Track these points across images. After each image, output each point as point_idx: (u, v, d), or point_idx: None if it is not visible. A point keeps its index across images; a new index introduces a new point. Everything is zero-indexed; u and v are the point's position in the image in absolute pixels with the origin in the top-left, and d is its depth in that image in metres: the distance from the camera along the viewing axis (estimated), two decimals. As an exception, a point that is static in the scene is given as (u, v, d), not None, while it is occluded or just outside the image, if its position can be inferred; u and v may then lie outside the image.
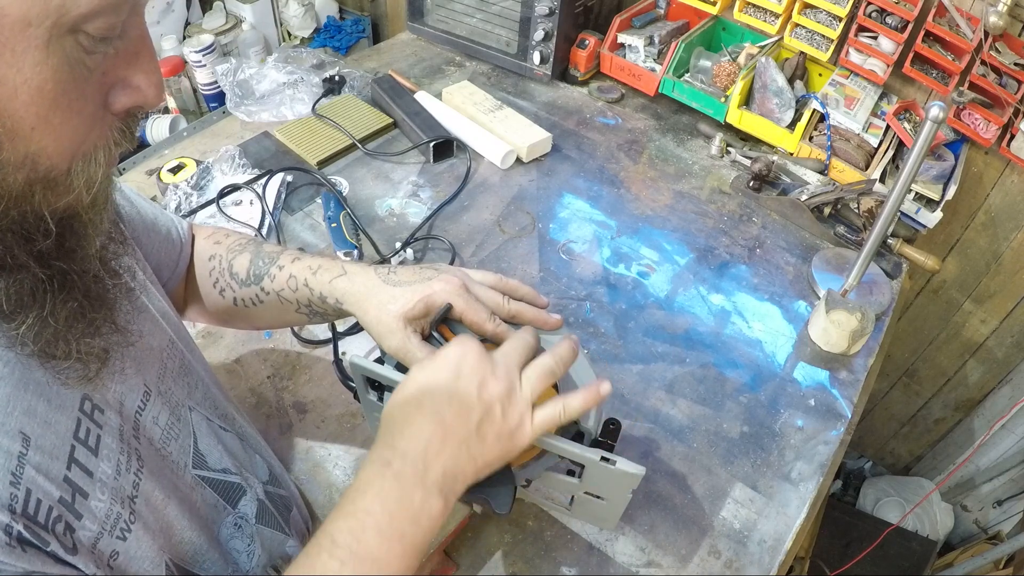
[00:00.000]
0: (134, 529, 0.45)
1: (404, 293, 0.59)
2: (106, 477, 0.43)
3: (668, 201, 1.18)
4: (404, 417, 0.49)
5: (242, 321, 0.73)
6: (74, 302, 0.40)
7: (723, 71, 1.28)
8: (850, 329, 0.92)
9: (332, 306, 0.63)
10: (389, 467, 0.47)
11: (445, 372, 0.50)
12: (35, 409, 0.40)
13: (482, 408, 0.49)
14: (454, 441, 0.48)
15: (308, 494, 0.75)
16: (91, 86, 0.35)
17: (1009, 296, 1.38)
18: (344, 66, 1.42)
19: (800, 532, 0.76)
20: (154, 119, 1.83)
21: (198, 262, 0.70)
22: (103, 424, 0.45)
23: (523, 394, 0.52)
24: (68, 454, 0.41)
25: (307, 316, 0.67)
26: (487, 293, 0.62)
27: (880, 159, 1.17)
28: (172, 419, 0.53)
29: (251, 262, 0.67)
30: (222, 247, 0.70)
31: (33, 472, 0.38)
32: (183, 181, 1.07)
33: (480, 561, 0.71)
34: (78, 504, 0.41)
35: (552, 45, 1.36)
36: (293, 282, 0.64)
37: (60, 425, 0.41)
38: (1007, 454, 1.50)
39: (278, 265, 0.66)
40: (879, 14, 1.15)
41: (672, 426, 0.85)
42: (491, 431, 0.50)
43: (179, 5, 1.99)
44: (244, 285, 0.67)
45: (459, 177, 1.18)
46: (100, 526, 0.42)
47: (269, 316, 0.69)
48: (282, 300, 0.65)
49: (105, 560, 0.42)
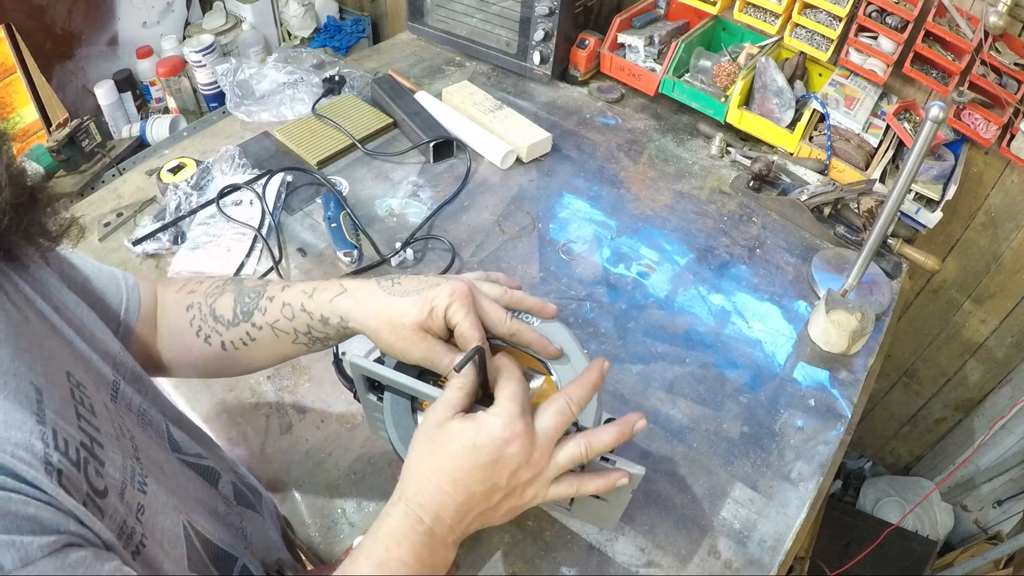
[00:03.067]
0: (149, 484, 0.45)
1: (415, 304, 0.57)
2: (109, 435, 0.44)
3: (668, 201, 1.18)
4: (437, 481, 0.51)
5: (233, 366, 0.68)
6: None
7: (723, 71, 1.28)
8: (850, 329, 0.92)
9: (336, 327, 0.60)
10: (422, 524, 0.50)
11: (485, 456, 0.51)
12: (36, 368, 0.40)
13: (508, 490, 0.53)
14: (476, 511, 0.53)
15: (308, 494, 0.75)
16: None
17: (1009, 296, 1.38)
18: (344, 66, 1.42)
19: (800, 532, 0.76)
20: (154, 119, 1.84)
21: (173, 317, 0.66)
22: (90, 397, 0.45)
23: (547, 475, 0.53)
24: (74, 410, 0.42)
25: (306, 346, 0.63)
26: (491, 307, 0.59)
27: (880, 159, 1.17)
28: (143, 407, 0.54)
29: (235, 300, 0.63)
30: (198, 295, 0.66)
31: (53, 415, 0.39)
32: (183, 181, 1.07)
33: (480, 561, 0.71)
34: (97, 451, 0.41)
35: (552, 45, 1.36)
36: (288, 310, 0.61)
37: (59, 385, 0.42)
38: (1007, 454, 1.50)
39: (267, 297, 0.62)
40: (879, 14, 1.15)
41: (672, 426, 0.85)
42: (507, 506, 0.54)
43: (179, 5, 2.00)
44: (232, 326, 0.63)
45: (459, 177, 1.18)
46: (121, 475, 0.43)
47: (263, 354, 0.65)
48: (277, 332, 0.62)
49: (134, 513, 0.42)
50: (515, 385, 0.54)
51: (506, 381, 0.54)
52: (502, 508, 0.54)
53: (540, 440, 0.53)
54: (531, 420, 0.53)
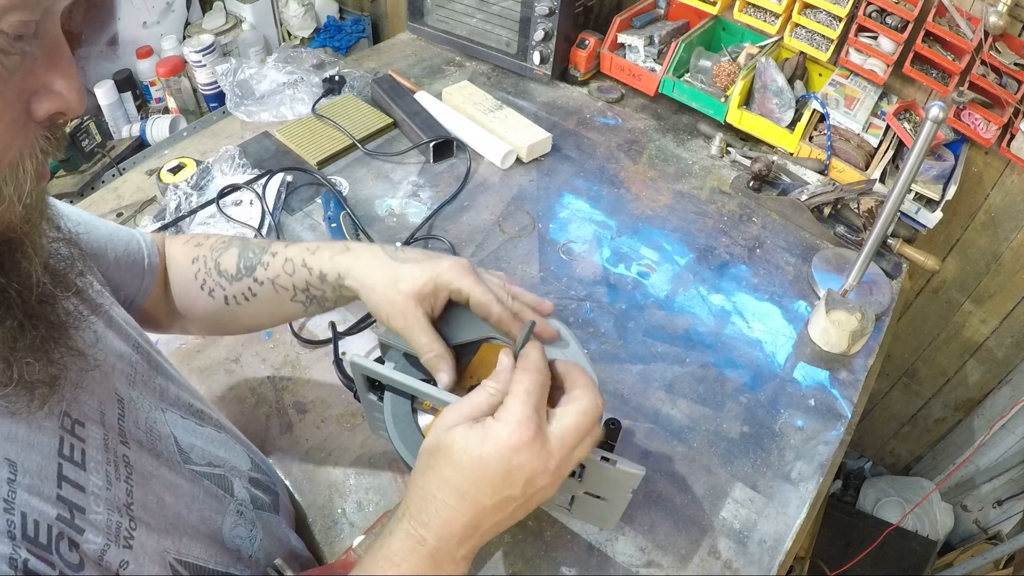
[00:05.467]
0: (137, 535, 0.45)
1: (413, 271, 0.57)
2: (98, 489, 0.43)
3: (668, 201, 1.18)
4: (442, 497, 0.47)
5: (234, 323, 0.69)
6: (13, 320, 0.39)
7: (723, 71, 1.28)
8: (850, 329, 0.92)
9: (332, 285, 0.60)
10: (424, 544, 0.46)
11: (494, 468, 0.46)
12: (15, 434, 0.40)
13: (523, 499, 0.48)
14: (489, 523, 0.48)
15: (308, 494, 0.75)
16: (11, 90, 0.35)
17: (1009, 296, 1.38)
18: (344, 66, 1.42)
19: (800, 532, 0.76)
20: (154, 119, 1.84)
21: (178, 269, 0.67)
22: (86, 438, 0.45)
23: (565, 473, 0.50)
24: (56, 472, 0.41)
25: (303, 304, 0.63)
26: (493, 281, 0.60)
27: (880, 159, 1.17)
28: (149, 423, 0.53)
29: (240, 255, 0.65)
30: (204, 248, 0.67)
31: (26, 495, 0.38)
32: (183, 181, 1.07)
33: (480, 561, 0.71)
34: (78, 519, 0.41)
35: (552, 45, 1.36)
36: (289, 265, 0.62)
37: (44, 445, 0.41)
38: (1007, 454, 1.50)
39: (271, 252, 0.63)
40: (879, 14, 1.15)
41: (672, 426, 0.85)
42: (522, 511, 0.50)
43: (179, 5, 1.99)
44: (235, 280, 0.64)
45: (459, 177, 1.18)
46: (104, 537, 0.42)
47: (263, 311, 0.66)
48: (277, 288, 0.63)
49: (114, 571, 0.42)
50: (528, 380, 0.49)
51: (520, 374, 0.49)
52: (518, 514, 0.49)
53: (555, 438, 0.47)
54: (544, 422, 0.48)
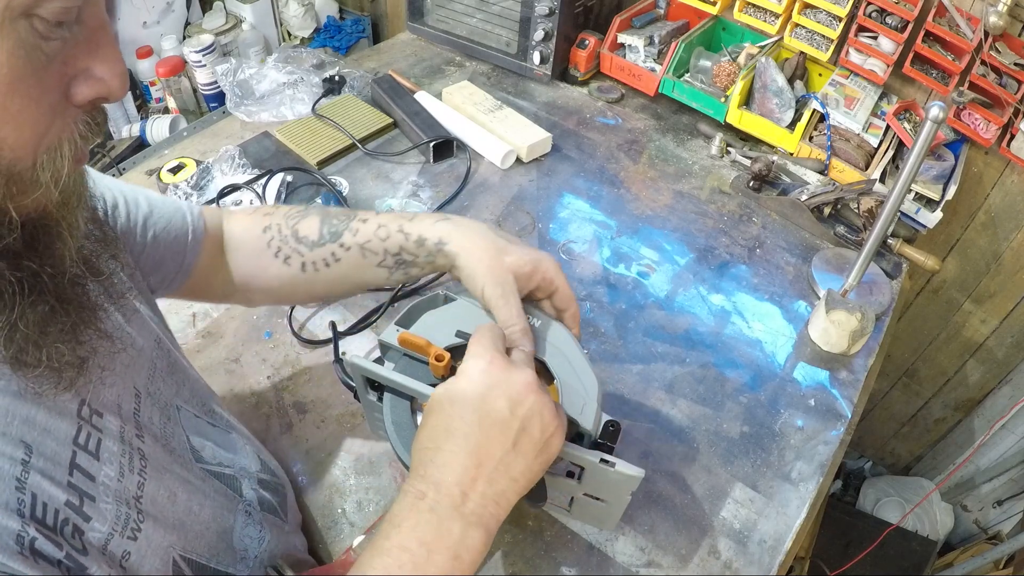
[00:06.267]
0: (144, 528, 0.45)
1: (518, 250, 0.59)
2: (109, 480, 0.43)
3: (668, 201, 1.18)
4: (434, 445, 0.46)
5: (306, 291, 0.69)
6: (45, 305, 0.39)
7: (723, 71, 1.28)
8: (850, 329, 0.92)
9: (429, 249, 0.60)
10: (423, 499, 0.44)
11: (472, 394, 0.46)
12: (34, 418, 0.40)
13: (519, 424, 0.46)
14: (490, 464, 0.45)
15: (308, 494, 0.75)
16: (51, 75, 0.34)
17: (1009, 296, 1.38)
18: (344, 66, 1.42)
19: (800, 532, 0.76)
20: (154, 119, 1.84)
21: (247, 237, 0.67)
22: (103, 428, 0.45)
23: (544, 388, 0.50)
24: (70, 460, 0.41)
25: (388, 270, 0.63)
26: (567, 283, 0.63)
27: (880, 159, 1.17)
28: (163, 419, 0.53)
29: (322, 222, 0.64)
30: (276, 217, 0.67)
31: (38, 477, 0.38)
32: (183, 181, 1.07)
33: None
34: (86, 507, 0.41)
35: (552, 45, 1.36)
36: (383, 231, 0.62)
37: (60, 432, 0.41)
38: (1007, 454, 1.50)
39: (360, 219, 0.64)
40: (879, 14, 1.15)
41: (672, 426, 0.85)
42: (530, 446, 0.46)
43: (179, 5, 1.99)
44: (316, 246, 0.64)
45: (459, 177, 1.18)
46: (110, 527, 0.42)
47: (341, 277, 0.65)
48: (365, 253, 0.63)
49: (117, 560, 0.42)
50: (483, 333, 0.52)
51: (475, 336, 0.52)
52: (527, 451, 0.46)
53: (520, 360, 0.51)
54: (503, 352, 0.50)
